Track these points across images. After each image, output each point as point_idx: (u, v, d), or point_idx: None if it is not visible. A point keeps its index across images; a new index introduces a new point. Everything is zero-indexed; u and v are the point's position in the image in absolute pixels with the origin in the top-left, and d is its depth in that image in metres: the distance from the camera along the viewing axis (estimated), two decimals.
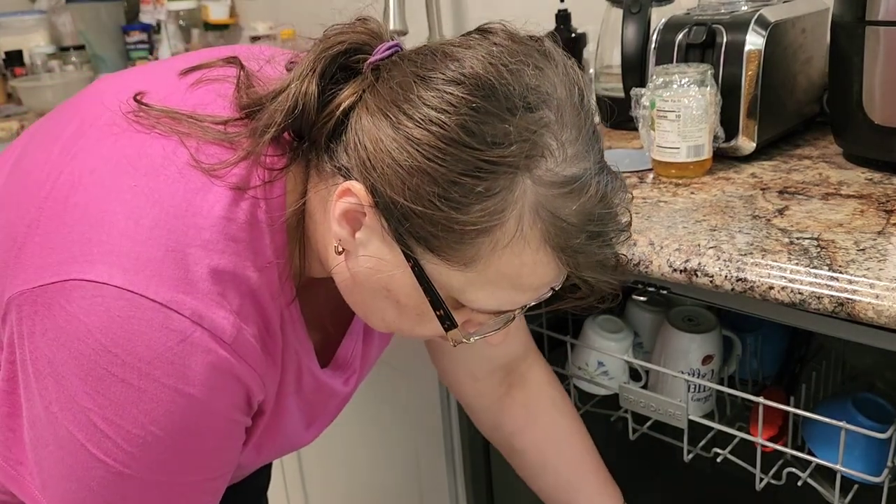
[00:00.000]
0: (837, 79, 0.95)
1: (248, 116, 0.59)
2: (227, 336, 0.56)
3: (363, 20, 0.62)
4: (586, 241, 0.56)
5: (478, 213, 0.53)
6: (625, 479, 0.92)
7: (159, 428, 0.55)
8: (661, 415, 0.91)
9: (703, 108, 0.92)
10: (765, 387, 1.01)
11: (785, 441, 0.90)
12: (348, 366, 0.75)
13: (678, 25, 1.00)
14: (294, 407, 0.69)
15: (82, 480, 0.56)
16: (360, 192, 0.56)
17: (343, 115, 0.57)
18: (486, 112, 0.53)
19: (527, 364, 0.90)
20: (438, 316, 0.59)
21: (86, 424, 0.54)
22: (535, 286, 0.59)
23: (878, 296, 0.63)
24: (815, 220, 0.78)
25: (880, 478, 0.78)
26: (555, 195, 0.54)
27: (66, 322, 0.53)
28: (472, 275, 0.56)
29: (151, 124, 0.59)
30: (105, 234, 0.54)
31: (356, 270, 0.60)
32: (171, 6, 2.27)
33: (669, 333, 0.96)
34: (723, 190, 0.90)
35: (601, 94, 1.25)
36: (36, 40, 2.26)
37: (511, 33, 0.59)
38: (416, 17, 1.62)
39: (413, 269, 0.57)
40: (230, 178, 0.57)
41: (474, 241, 0.54)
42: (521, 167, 0.53)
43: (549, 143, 0.54)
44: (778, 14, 0.97)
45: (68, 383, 0.53)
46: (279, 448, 0.74)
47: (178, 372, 0.54)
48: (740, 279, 0.70)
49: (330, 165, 0.59)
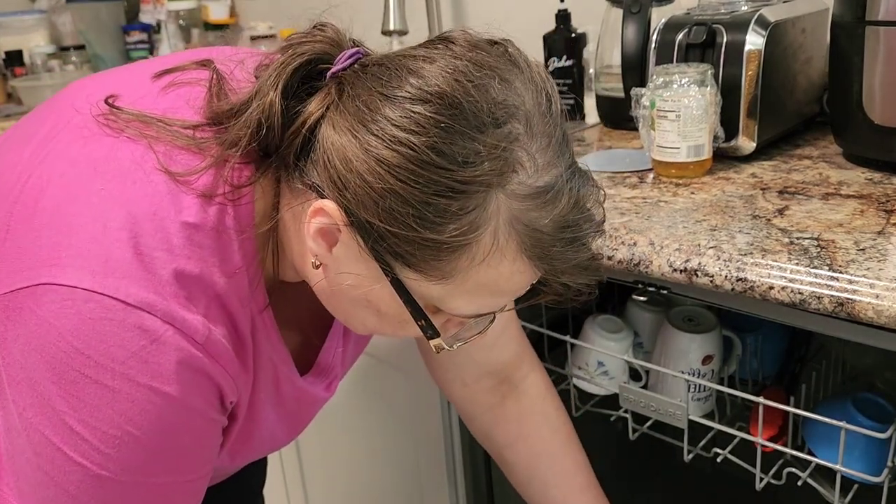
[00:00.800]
0: (837, 79, 0.95)
1: (226, 117, 0.59)
2: (199, 336, 0.56)
3: (321, 27, 0.62)
4: (562, 247, 0.56)
5: (453, 232, 0.53)
6: (625, 479, 0.93)
7: (135, 428, 0.54)
8: (661, 415, 0.91)
9: (703, 108, 0.92)
10: (765, 387, 1.01)
11: (785, 441, 0.90)
12: (330, 371, 0.74)
13: (678, 25, 1.00)
14: (272, 415, 0.69)
15: (60, 485, 0.55)
16: (333, 212, 0.55)
17: (309, 131, 0.57)
18: (455, 132, 0.53)
19: (521, 373, 0.89)
20: (420, 326, 0.60)
21: (61, 428, 0.54)
22: (514, 291, 0.60)
23: (878, 296, 0.63)
24: (815, 220, 0.78)
25: (880, 478, 0.78)
26: (529, 207, 0.54)
27: (37, 327, 0.53)
28: (450, 287, 0.57)
29: (121, 128, 0.58)
30: (74, 238, 0.54)
31: (334, 284, 0.60)
32: (171, 6, 2.27)
33: (669, 333, 0.96)
34: (723, 190, 0.90)
35: (601, 94, 1.26)
36: (36, 40, 2.26)
37: (473, 42, 0.58)
38: (415, 17, 1.62)
39: (392, 282, 0.57)
40: (198, 185, 0.57)
41: (451, 256, 0.55)
42: (493, 184, 0.53)
43: (520, 156, 0.54)
44: (778, 14, 0.97)
45: (42, 388, 0.53)
46: (255, 453, 0.73)
47: (153, 371, 0.54)
48: (740, 279, 0.70)
49: (300, 182, 0.58)
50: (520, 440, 0.88)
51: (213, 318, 0.57)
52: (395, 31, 1.52)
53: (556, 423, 0.90)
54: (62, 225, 0.55)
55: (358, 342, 0.79)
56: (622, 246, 0.79)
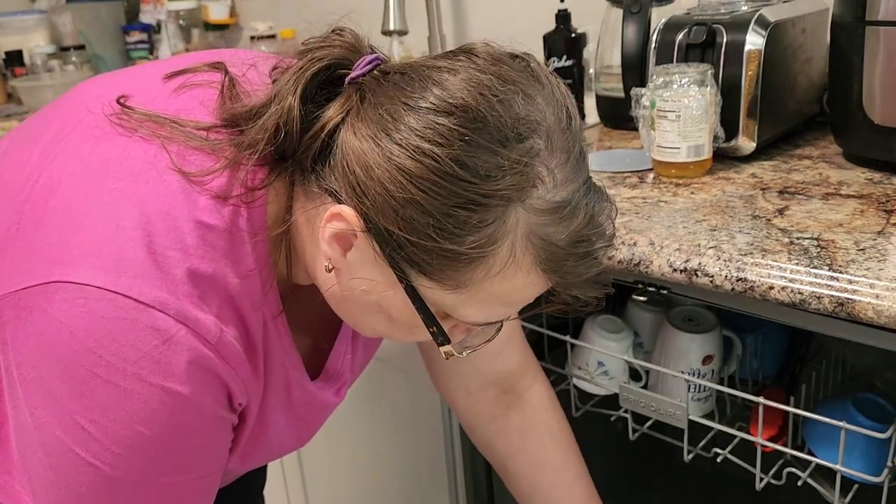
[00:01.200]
0: (837, 79, 0.95)
1: (240, 119, 0.59)
2: (211, 336, 0.55)
3: (339, 32, 0.62)
4: (575, 261, 0.57)
5: (472, 244, 0.54)
6: (625, 479, 0.93)
7: (147, 427, 0.54)
8: (661, 415, 0.91)
9: (703, 108, 0.92)
10: (765, 387, 1.01)
11: (785, 441, 0.90)
12: (339, 376, 0.74)
13: (678, 25, 1.00)
14: (282, 420, 0.69)
15: (72, 486, 0.55)
16: (350, 217, 0.55)
17: (328, 136, 0.57)
18: (479, 145, 0.53)
19: (525, 384, 0.89)
20: (431, 332, 0.60)
21: (73, 428, 0.54)
22: (525, 301, 0.61)
23: (878, 296, 0.63)
24: (815, 220, 0.78)
25: (880, 478, 0.78)
26: (546, 221, 0.55)
27: (47, 326, 0.53)
28: (465, 296, 0.57)
29: (133, 128, 0.58)
30: (85, 237, 0.54)
31: (346, 288, 0.60)
32: (171, 6, 2.27)
33: (669, 333, 0.96)
34: (723, 190, 0.90)
35: (601, 94, 1.26)
36: (36, 40, 2.26)
37: (496, 56, 0.58)
38: (416, 17, 1.62)
39: (406, 289, 0.57)
40: (212, 186, 0.57)
41: (468, 267, 0.55)
42: (513, 198, 0.54)
43: (540, 171, 0.54)
44: (778, 14, 0.97)
45: (53, 387, 0.53)
46: (264, 458, 0.73)
47: (164, 370, 0.53)
48: (740, 279, 0.70)
49: (317, 186, 0.58)
50: (522, 451, 0.88)
51: (225, 320, 0.57)
52: (395, 32, 1.52)
53: (559, 434, 0.90)
54: (73, 224, 0.54)
55: (367, 348, 0.79)
56: (622, 246, 0.79)
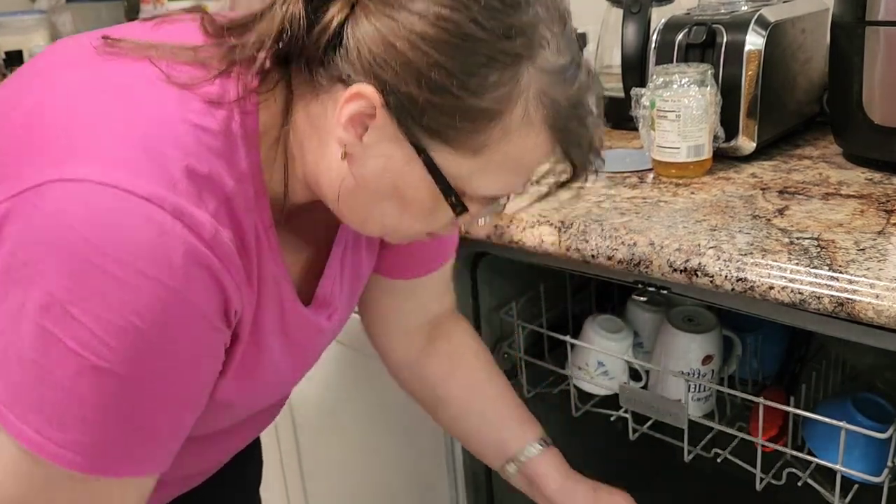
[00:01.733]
0: (837, 79, 0.95)
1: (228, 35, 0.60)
2: (207, 233, 0.55)
3: None
4: (576, 123, 0.62)
5: (491, 101, 0.57)
6: (625, 479, 0.93)
7: (140, 319, 0.53)
8: (661, 415, 0.91)
9: (703, 108, 0.92)
10: (765, 387, 1.01)
11: (785, 441, 0.90)
12: (330, 301, 0.75)
13: (678, 25, 1.00)
14: (277, 343, 0.68)
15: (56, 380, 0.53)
16: (371, 94, 0.57)
17: (339, 26, 0.58)
18: (493, 7, 0.56)
19: (452, 321, 0.95)
20: (450, 203, 0.62)
21: (63, 318, 0.52)
22: (532, 167, 0.64)
23: (878, 296, 0.63)
24: (815, 220, 0.78)
25: (880, 478, 0.78)
26: (553, 81, 0.59)
27: (41, 220, 0.52)
28: (480, 161, 0.60)
29: (122, 53, 0.60)
30: (80, 140, 0.54)
31: (361, 174, 0.61)
32: (170, 6, 2.28)
33: (669, 333, 0.96)
34: (723, 190, 0.90)
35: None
36: (36, 40, 2.26)
37: None
38: None
39: (424, 161, 0.59)
40: (203, 92, 0.58)
41: (487, 126, 0.58)
42: (525, 57, 0.57)
43: (545, 34, 0.59)
44: (778, 14, 0.97)
45: (45, 280, 0.52)
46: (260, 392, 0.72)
47: (160, 263, 0.53)
48: (740, 279, 0.70)
49: (326, 79, 0.59)
50: (452, 372, 0.93)
51: (221, 220, 0.57)
52: None
53: (484, 356, 0.95)
54: (65, 131, 0.55)
55: (355, 275, 0.79)
56: (622, 246, 0.79)
